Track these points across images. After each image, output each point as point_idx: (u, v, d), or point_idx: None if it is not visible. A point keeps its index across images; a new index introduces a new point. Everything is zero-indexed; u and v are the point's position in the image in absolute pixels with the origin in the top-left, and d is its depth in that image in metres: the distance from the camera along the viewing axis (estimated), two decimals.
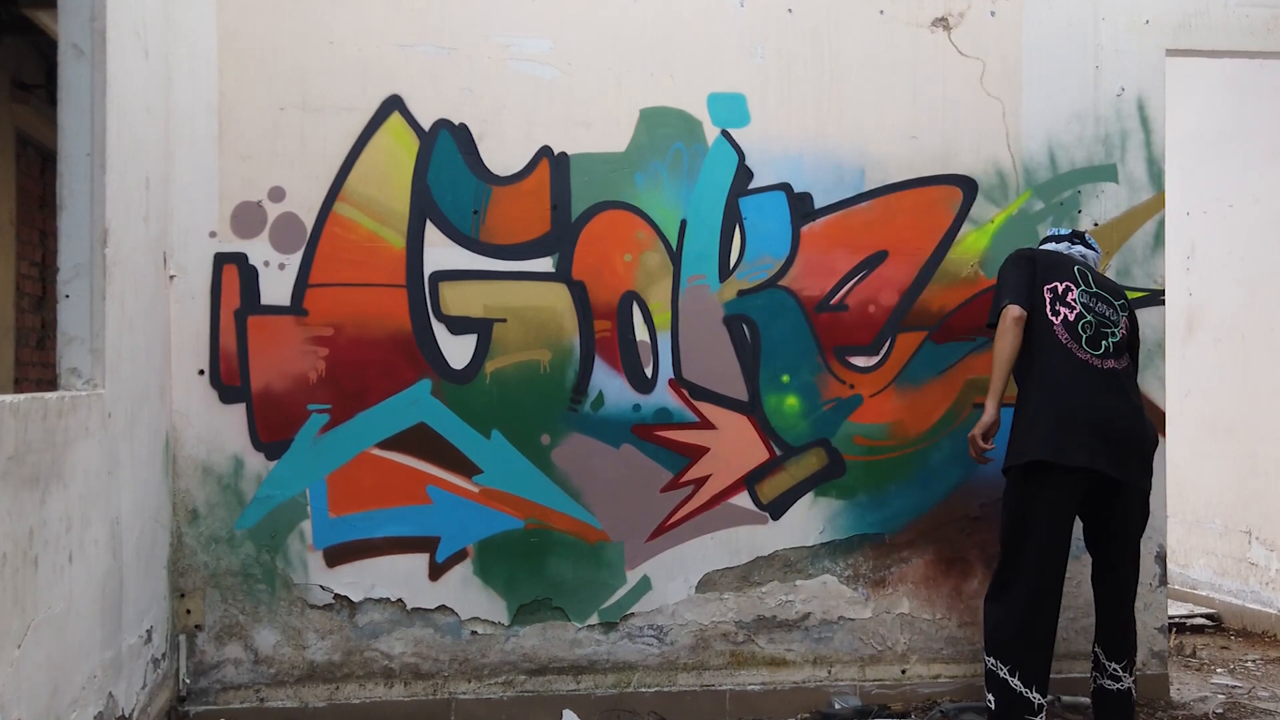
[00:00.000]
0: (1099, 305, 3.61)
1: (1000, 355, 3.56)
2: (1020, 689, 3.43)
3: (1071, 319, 3.55)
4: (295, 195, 3.81)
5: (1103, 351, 3.53)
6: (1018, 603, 3.48)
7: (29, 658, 2.31)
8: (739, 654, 4.04)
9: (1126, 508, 3.55)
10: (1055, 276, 3.61)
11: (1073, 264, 3.68)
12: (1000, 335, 3.56)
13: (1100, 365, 3.52)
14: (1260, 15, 4.27)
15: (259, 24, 3.78)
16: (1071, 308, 3.56)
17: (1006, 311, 3.55)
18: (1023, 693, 3.43)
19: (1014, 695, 3.44)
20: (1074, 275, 3.63)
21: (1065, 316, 3.54)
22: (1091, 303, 3.60)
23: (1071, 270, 3.65)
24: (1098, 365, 3.52)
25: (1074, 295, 3.58)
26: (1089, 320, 3.56)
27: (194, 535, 3.77)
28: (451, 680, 3.89)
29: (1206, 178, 5.88)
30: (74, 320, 2.90)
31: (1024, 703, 3.43)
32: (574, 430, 3.94)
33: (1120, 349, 3.59)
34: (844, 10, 4.09)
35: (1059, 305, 3.56)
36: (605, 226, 3.95)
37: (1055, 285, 3.59)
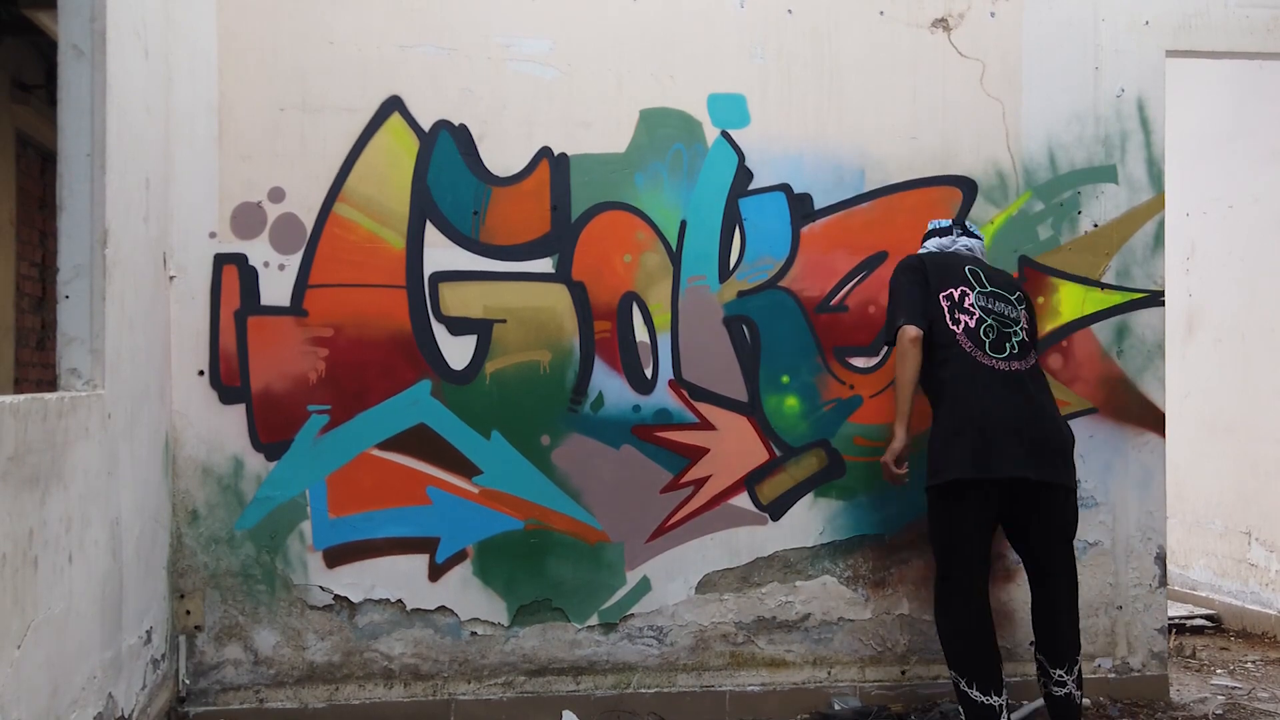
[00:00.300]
0: (997, 305, 3.56)
1: (903, 378, 3.51)
2: (980, 698, 3.42)
3: (973, 325, 3.50)
4: (295, 196, 3.81)
5: (1008, 354, 3.50)
6: (960, 617, 3.47)
7: (29, 658, 2.31)
8: (739, 655, 4.04)
9: (1051, 509, 3.51)
10: (949, 283, 3.56)
11: (963, 264, 3.63)
12: (900, 358, 3.51)
13: (1008, 368, 3.49)
14: (1260, 16, 4.27)
15: (259, 24, 3.79)
16: (971, 313, 3.51)
17: (903, 332, 3.50)
18: (983, 700, 3.42)
19: (976, 705, 3.43)
20: (967, 278, 3.59)
21: (966, 324, 3.50)
22: (990, 304, 3.55)
23: (963, 272, 3.60)
24: (1005, 369, 3.48)
25: (971, 300, 3.53)
26: (990, 324, 3.51)
27: (194, 536, 3.77)
28: (451, 681, 3.89)
29: (1206, 178, 5.88)
30: (74, 321, 2.90)
31: (986, 710, 3.42)
32: (574, 431, 3.94)
33: (1025, 348, 3.56)
34: (844, 11, 4.09)
35: (958, 313, 3.50)
36: (605, 227, 3.95)
37: (951, 292, 3.54)
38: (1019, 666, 4.14)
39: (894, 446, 3.57)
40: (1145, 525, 4.22)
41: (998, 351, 3.48)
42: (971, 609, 3.46)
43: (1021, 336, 3.56)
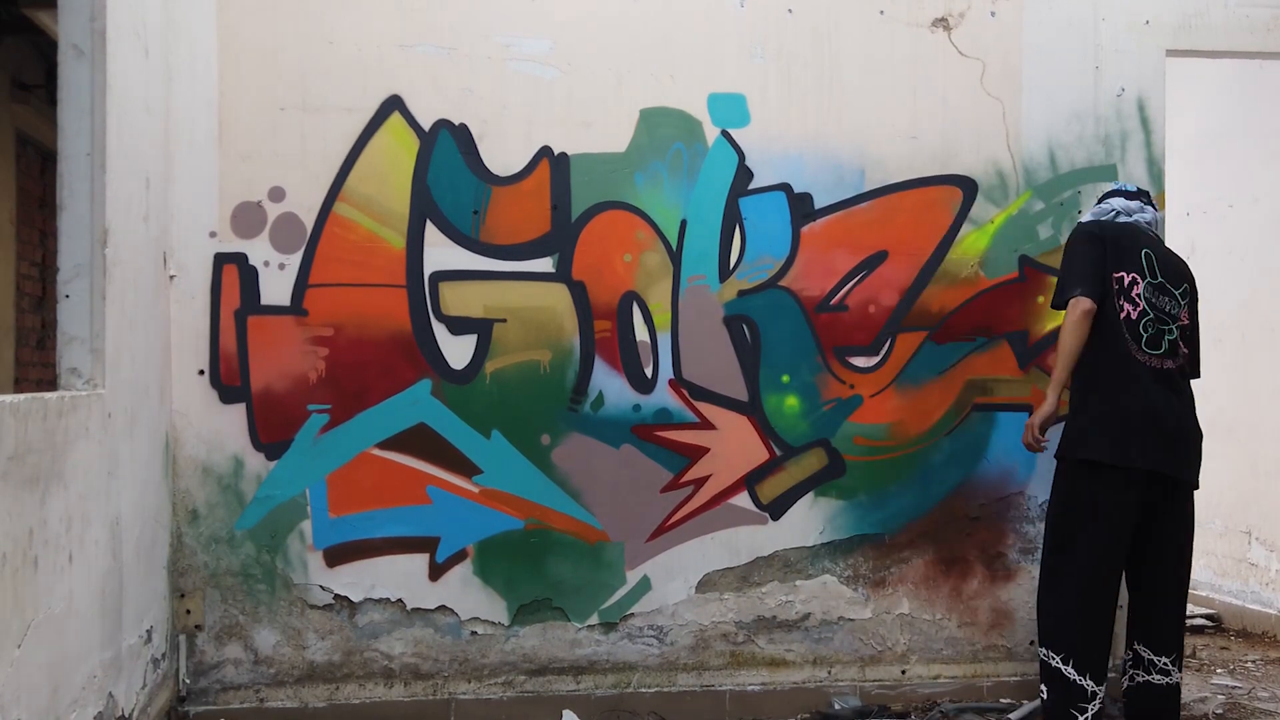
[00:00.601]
0: (1161, 299, 3.58)
1: (1068, 348, 3.53)
2: (1074, 677, 3.43)
3: (1135, 317, 3.53)
4: (295, 195, 3.80)
5: (1162, 351, 3.54)
6: (1072, 592, 3.48)
7: (29, 658, 2.31)
8: (739, 654, 4.04)
9: (1181, 507, 3.58)
10: (1124, 264, 3.56)
11: (1140, 246, 3.61)
12: (1070, 328, 3.52)
13: (1159, 366, 3.53)
14: (1260, 15, 4.27)
15: (259, 24, 3.78)
16: (1135, 304, 3.54)
17: (1077, 303, 3.51)
18: (1077, 680, 3.43)
19: (1069, 683, 3.43)
20: (1142, 264, 3.58)
21: (1129, 313, 3.52)
22: (1154, 297, 3.57)
23: (1139, 257, 3.59)
24: (1156, 366, 3.53)
25: (1139, 289, 3.54)
26: (1150, 318, 3.54)
27: (194, 535, 3.77)
28: (451, 680, 3.89)
29: (1206, 178, 5.88)
30: (74, 320, 2.90)
31: (1078, 691, 3.42)
32: (574, 430, 3.94)
33: (1176, 346, 3.59)
34: (844, 10, 4.09)
35: (1123, 300, 3.53)
36: (605, 226, 3.95)
37: (1123, 276, 3.55)
38: (1019, 666, 4.15)
39: (1045, 410, 3.64)
40: None
41: (1152, 348, 3.52)
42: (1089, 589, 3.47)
43: (1175, 335, 3.59)
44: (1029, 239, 4.16)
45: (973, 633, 4.14)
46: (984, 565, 4.14)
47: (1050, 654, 3.50)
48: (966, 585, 4.14)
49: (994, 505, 4.14)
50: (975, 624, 4.14)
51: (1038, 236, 4.16)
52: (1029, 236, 4.16)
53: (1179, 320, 3.62)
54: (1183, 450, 3.52)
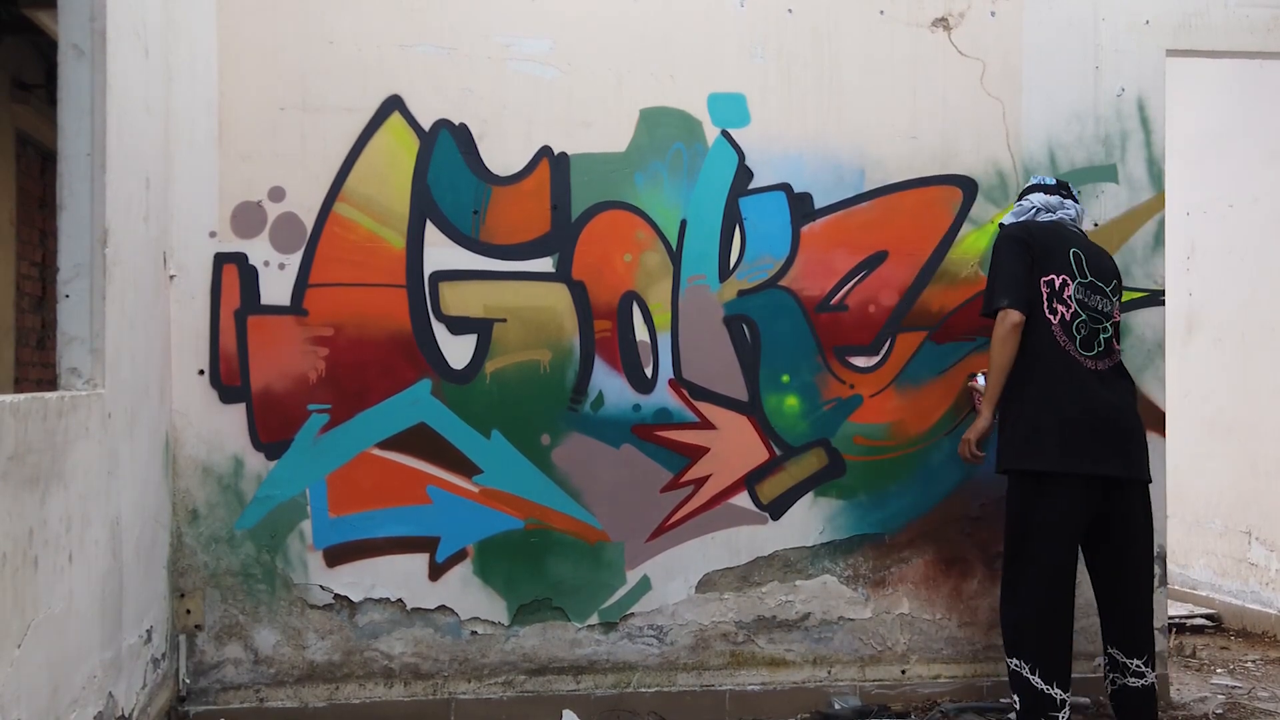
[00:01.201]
0: (1093, 298, 3.59)
1: (999, 362, 3.55)
2: (1042, 687, 3.44)
3: (1068, 318, 3.54)
4: (295, 195, 3.80)
5: (1096, 352, 3.54)
6: (1033, 602, 3.48)
7: (29, 658, 2.31)
8: (739, 654, 4.04)
9: (1135, 506, 3.56)
10: (1053, 266, 3.57)
11: (1068, 245, 3.61)
12: (1000, 342, 3.54)
13: (1095, 366, 3.53)
14: (1260, 15, 4.27)
15: (259, 24, 3.78)
16: (1068, 305, 3.54)
17: (1006, 315, 3.53)
18: (1045, 690, 3.43)
19: (1037, 693, 3.44)
20: (1070, 264, 3.58)
21: (1062, 316, 3.53)
22: (1086, 297, 3.57)
23: (1067, 255, 3.59)
24: (1092, 367, 3.53)
25: (1070, 290, 3.55)
26: (1083, 319, 3.55)
27: (194, 535, 3.77)
28: (451, 680, 3.89)
29: (1206, 178, 5.88)
30: (74, 320, 2.90)
31: (1047, 700, 3.43)
32: (574, 430, 3.94)
33: (1111, 345, 3.60)
34: (844, 10, 4.09)
35: (1056, 303, 3.53)
36: (605, 226, 3.95)
37: (1053, 279, 3.55)
38: None
39: (980, 425, 3.65)
40: None
41: (1087, 349, 3.51)
42: (1048, 597, 3.46)
43: (1110, 333, 3.59)
44: None
45: (973, 632, 4.14)
46: (984, 565, 4.13)
47: (1020, 664, 3.50)
48: (967, 585, 4.14)
49: (994, 505, 4.13)
50: (975, 624, 4.14)
51: None
52: None
53: (1111, 318, 3.62)
54: (1129, 449, 3.50)
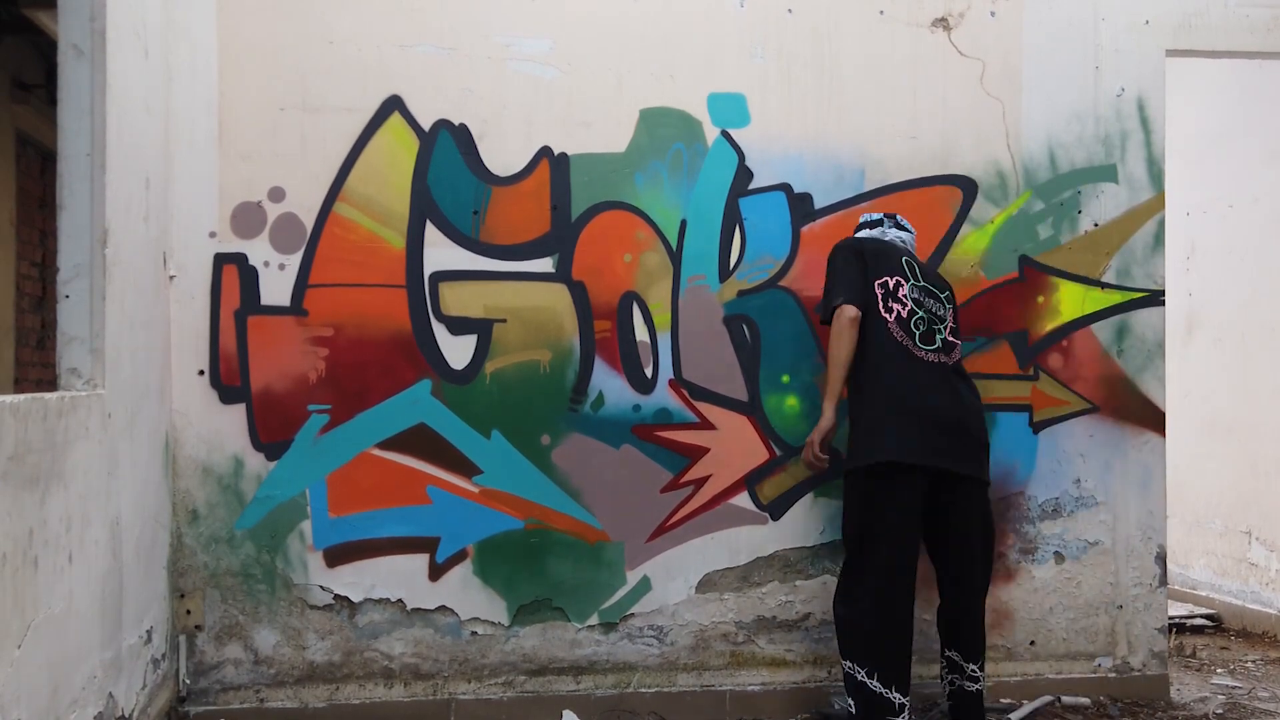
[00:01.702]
0: (928, 300, 3.58)
1: (838, 358, 3.51)
2: (880, 690, 3.38)
3: (905, 315, 3.52)
4: (295, 195, 3.80)
5: (936, 347, 3.53)
6: (869, 605, 3.43)
7: (29, 658, 2.31)
8: (739, 654, 4.04)
9: (969, 504, 3.54)
10: (885, 270, 3.57)
11: (900, 255, 3.64)
12: (836, 336, 3.52)
13: (935, 360, 3.52)
14: (1260, 15, 4.27)
15: (259, 24, 3.78)
16: (904, 304, 3.53)
17: (842, 311, 3.50)
18: (883, 694, 3.38)
19: (874, 696, 3.39)
20: (903, 268, 3.59)
21: (899, 313, 3.50)
22: (921, 298, 3.57)
23: (900, 262, 3.61)
24: (933, 360, 3.51)
25: (904, 290, 3.54)
26: (921, 316, 3.53)
27: (194, 535, 3.76)
28: (451, 681, 3.89)
29: (1206, 178, 5.88)
30: (74, 320, 2.90)
31: (885, 704, 3.38)
32: (574, 430, 3.93)
33: (950, 345, 3.59)
34: (844, 10, 4.09)
35: (891, 301, 3.51)
36: (605, 227, 3.95)
37: (886, 280, 3.54)
38: (1019, 666, 4.15)
39: (824, 425, 3.59)
40: (1145, 524, 4.22)
41: (926, 344, 3.49)
42: (886, 598, 3.41)
43: (946, 335, 3.59)
44: (1029, 239, 4.16)
45: None
46: None
47: (855, 667, 3.43)
48: None
49: (994, 505, 4.12)
50: None
51: (1038, 236, 4.16)
52: (1029, 236, 4.16)
53: (947, 322, 3.61)
54: (963, 444, 3.48)
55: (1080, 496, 4.18)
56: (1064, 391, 4.17)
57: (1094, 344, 4.20)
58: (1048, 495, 4.17)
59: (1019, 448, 4.14)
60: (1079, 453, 4.18)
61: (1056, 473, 4.17)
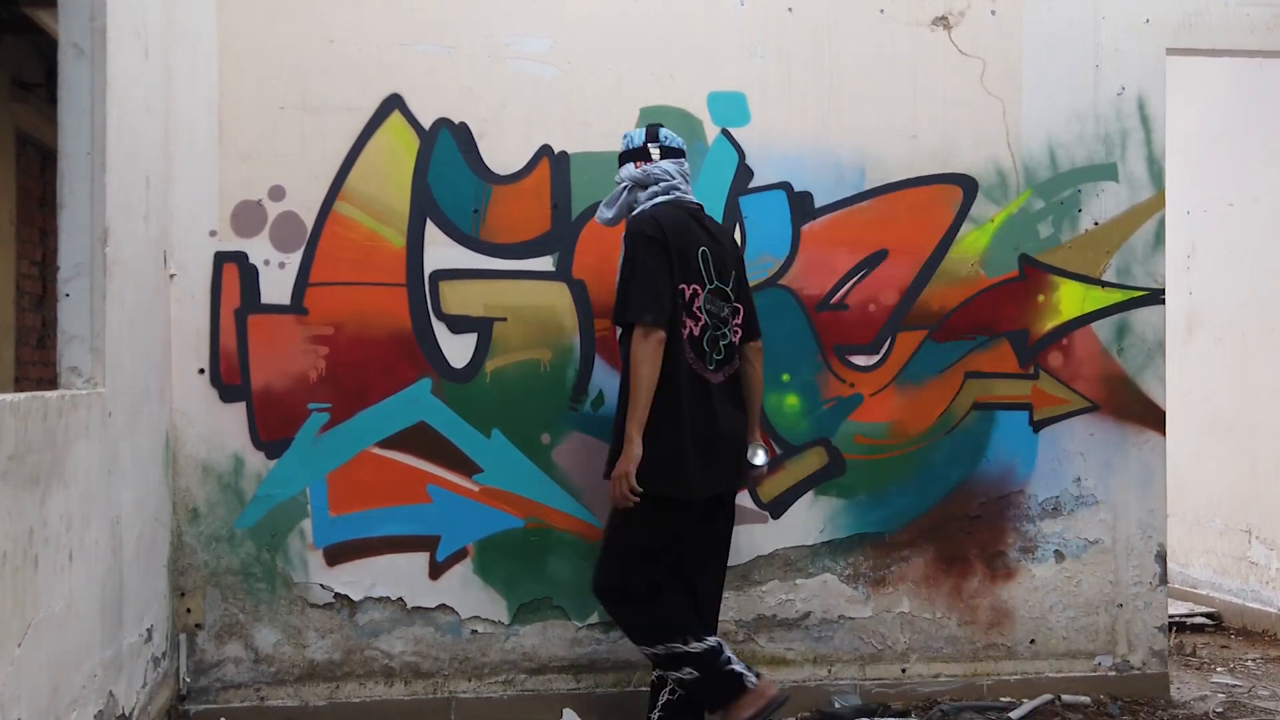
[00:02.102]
0: (718, 304, 3.38)
1: (647, 382, 3.19)
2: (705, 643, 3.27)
3: (697, 333, 3.33)
4: (295, 194, 3.81)
5: (717, 363, 3.38)
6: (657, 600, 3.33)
7: (29, 657, 2.31)
8: (739, 653, 4.02)
9: (726, 517, 3.50)
10: (687, 275, 3.31)
11: (698, 245, 3.34)
12: (644, 360, 3.19)
13: (718, 380, 3.38)
14: (1260, 14, 4.27)
15: (259, 23, 3.78)
16: (697, 318, 3.34)
17: (649, 333, 3.19)
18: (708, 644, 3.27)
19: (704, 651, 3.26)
20: (700, 269, 3.33)
21: (691, 330, 3.32)
22: (713, 305, 3.37)
23: (698, 260, 3.33)
24: (717, 381, 3.37)
25: (700, 301, 3.35)
26: (710, 331, 3.37)
27: (194, 534, 3.77)
28: (452, 679, 3.89)
29: (1207, 177, 5.88)
30: (74, 319, 2.90)
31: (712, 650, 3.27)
32: (574, 429, 3.93)
33: (732, 350, 3.42)
34: (844, 10, 4.08)
35: (687, 317, 3.32)
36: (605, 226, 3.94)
37: (684, 289, 3.30)
38: (1020, 665, 4.15)
39: (634, 455, 3.19)
40: (1146, 523, 4.22)
41: (711, 364, 3.36)
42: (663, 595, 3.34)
43: (729, 339, 3.41)
44: (1029, 237, 4.16)
45: (973, 631, 4.14)
46: (984, 564, 4.14)
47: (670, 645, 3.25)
48: (967, 584, 4.14)
49: (994, 504, 4.14)
50: (975, 623, 4.14)
51: (1038, 235, 4.16)
52: (1029, 235, 4.16)
53: (730, 323, 3.43)
54: (739, 464, 3.46)
55: (1080, 495, 4.18)
56: (1064, 390, 4.17)
57: (1094, 343, 4.20)
58: (1048, 494, 4.17)
59: (1019, 446, 4.14)
60: (1079, 451, 4.18)
61: (1056, 471, 4.17)
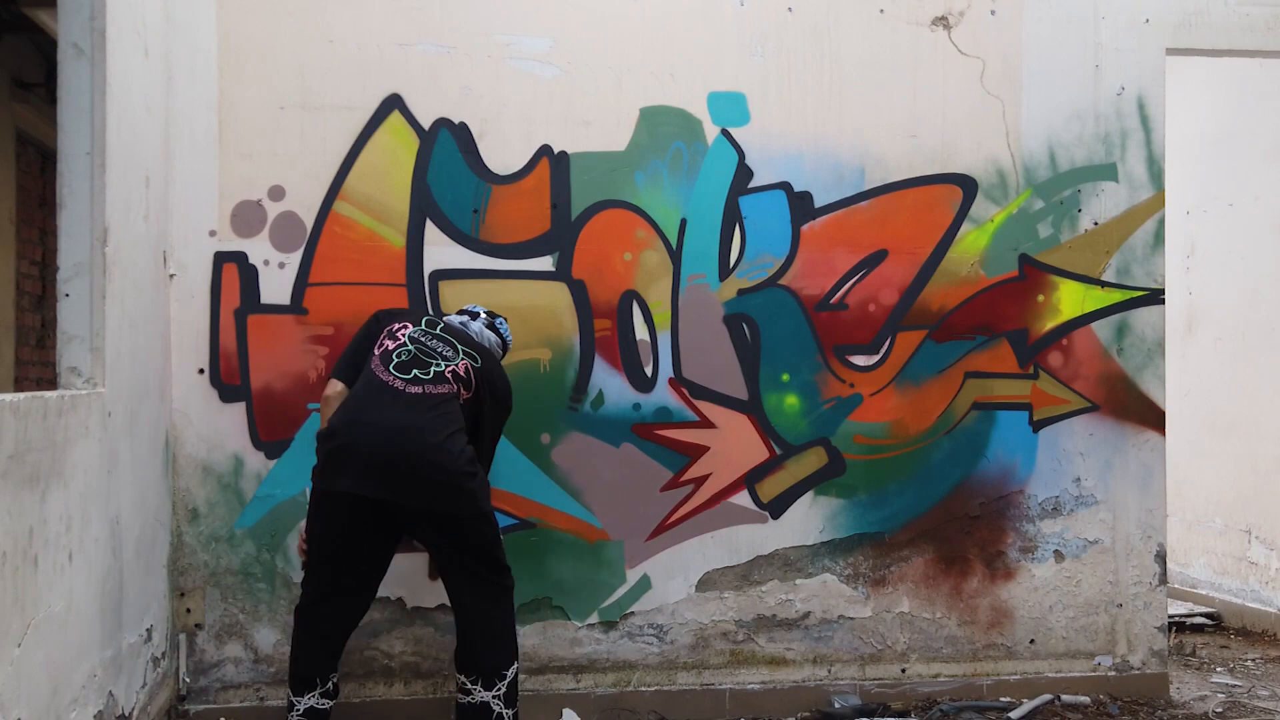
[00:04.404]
0: (432, 342, 3.39)
1: None
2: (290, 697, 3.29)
3: (391, 349, 3.35)
4: (295, 194, 3.80)
5: (412, 377, 3.29)
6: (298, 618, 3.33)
7: (29, 657, 2.31)
8: (739, 653, 4.04)
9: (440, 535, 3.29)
10: (398, 320, 3.43)
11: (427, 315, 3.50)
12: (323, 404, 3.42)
13: (404, 389, 3.26)
14: (1260, 14, 4.27)
15: (259, 23, 3.78)
16: (396, 340, 3.37)
17: (329, 386, 3.42)
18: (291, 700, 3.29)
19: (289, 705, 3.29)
20: (419, 320, 3.44)
21: (386, 347, 3.35)
22: (422, 338, 3.39)
23: (420, 318, 3.46)
24: (401, 388, 3.26)
25: (406, 332, 3.38)
26: (408, 349, 3.34)
27: (194, 534, 3.77)
28: (451, 679, 3.89)
29: (1206, 177, 5.88)
30: (74, 319, 2.90)
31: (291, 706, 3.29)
32: (574, 429, 3.94)
33: (441, 378, 3.32)
34: (844, 9, 4.08)
35: (387, 340, 3.37)
36: (605, 225, 3.95)
37: (393, 326, 3.40)
38: (1019, 665, 4.15)
39: None
40: (1145, 523, 4.22)
41: (402, 372, 3.30)
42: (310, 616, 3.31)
43: (442, 369, 3.34)
44: (1029, 237, 4.16)
45: (972, 631, 4.14)
46: (984, 564, 4.14)
47: None
48: (966, 584, 4.14)
49: (994, 503, 4.14)
50: (975, 622, 4.14)
51: (1038, 235, 4.16)
52: (1029, 235, 4.16)
53: (452, 361, 3.36)
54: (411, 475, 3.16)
55: (1080, 495, 4.19)
56: (1064, 390, 4.17)
57: (1094, 343, 4.20)
58: (1048, 494, 4.17)
59: (1019, 446, 4.14)
60: (1079, 451, 4.18)
61: (1056, 471, 4.18)
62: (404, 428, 3.19)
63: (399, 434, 3.18)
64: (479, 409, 3.42)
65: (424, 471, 3.18)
